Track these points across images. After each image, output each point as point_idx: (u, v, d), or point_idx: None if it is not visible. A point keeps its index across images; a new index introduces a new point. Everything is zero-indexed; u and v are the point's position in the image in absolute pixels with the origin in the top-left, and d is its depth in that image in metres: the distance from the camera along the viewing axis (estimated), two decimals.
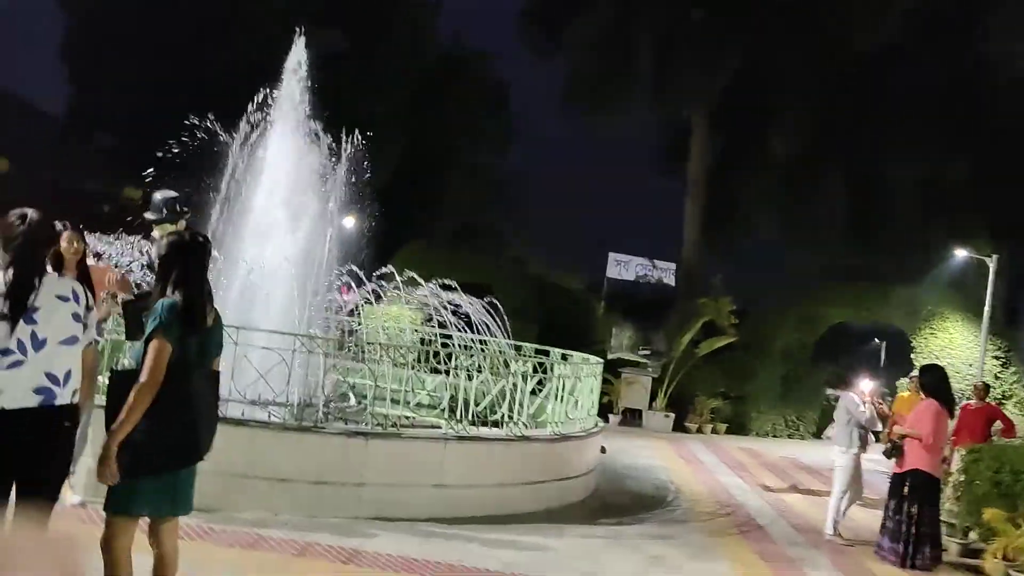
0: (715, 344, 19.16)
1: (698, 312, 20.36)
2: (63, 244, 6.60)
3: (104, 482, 3.62)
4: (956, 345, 19.79)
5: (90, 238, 6.98)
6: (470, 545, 6.86)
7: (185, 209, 7.26)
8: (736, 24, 24.43)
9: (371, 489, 7.24)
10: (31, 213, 3.81)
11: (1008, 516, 8.05)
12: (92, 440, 5.69)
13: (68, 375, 3.55)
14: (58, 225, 6.50)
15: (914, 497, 8.11)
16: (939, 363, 12.24)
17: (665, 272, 39.22)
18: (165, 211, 7.12)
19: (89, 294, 3.86)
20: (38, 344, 3.52)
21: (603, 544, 7.57)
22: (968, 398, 13.11)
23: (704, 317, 19.99)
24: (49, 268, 3.84)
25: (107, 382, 3.88)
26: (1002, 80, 23.10)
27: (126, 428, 3.61)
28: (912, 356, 20.11)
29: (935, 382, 8.65)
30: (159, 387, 3.68)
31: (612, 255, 40.08)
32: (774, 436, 20.06)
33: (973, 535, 9.38)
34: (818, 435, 20.56)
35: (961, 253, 20.20)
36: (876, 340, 39.23)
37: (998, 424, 11.86)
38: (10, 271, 3.61)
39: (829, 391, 20.60)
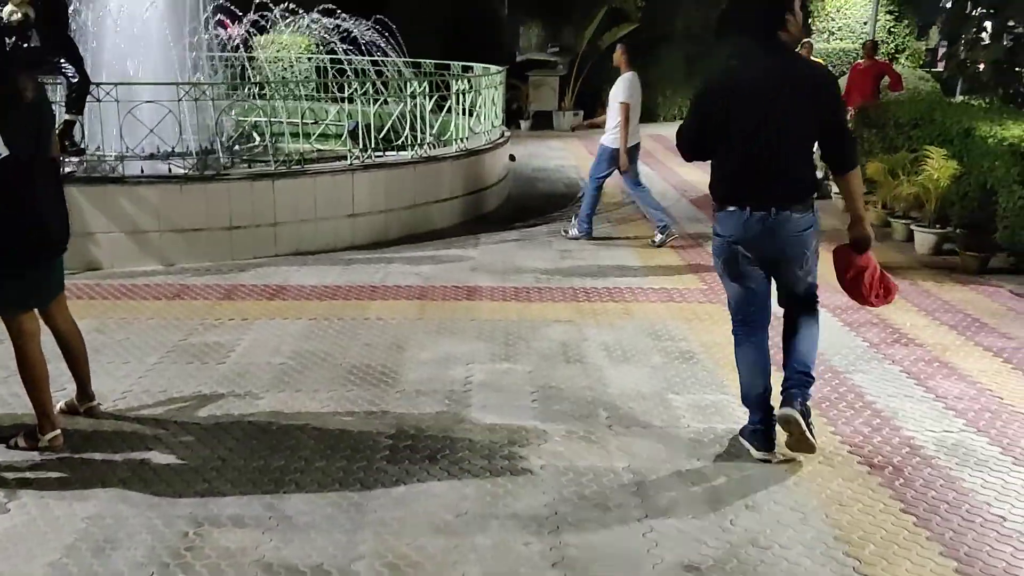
0: (617, 33, 18.75)
1: None
2: None
3: None
4: (851, 4, 19.88)
5: None
6: (391, 266, 7.23)
7: None
8: None
9: (285, 228, 7.43)
10: None
11: (888, 168, 8.64)
12: None
13: None
14: None
15: None
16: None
17: None
18: None
19: None
20: None
21: (517, 246, 8.01)
22: (861, 58, 13.38)
23: (608, 4, 19.43)
24: None
25: None
26: None
27: None
28: (809, 21, 20.19)
29: None
30: None
31: None
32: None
33: None
34: None
35: None
36: None
37: (887, 79, 12.27)
38: None
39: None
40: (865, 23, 19.14)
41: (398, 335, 5.53)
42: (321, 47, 11.07)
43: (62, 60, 6.98)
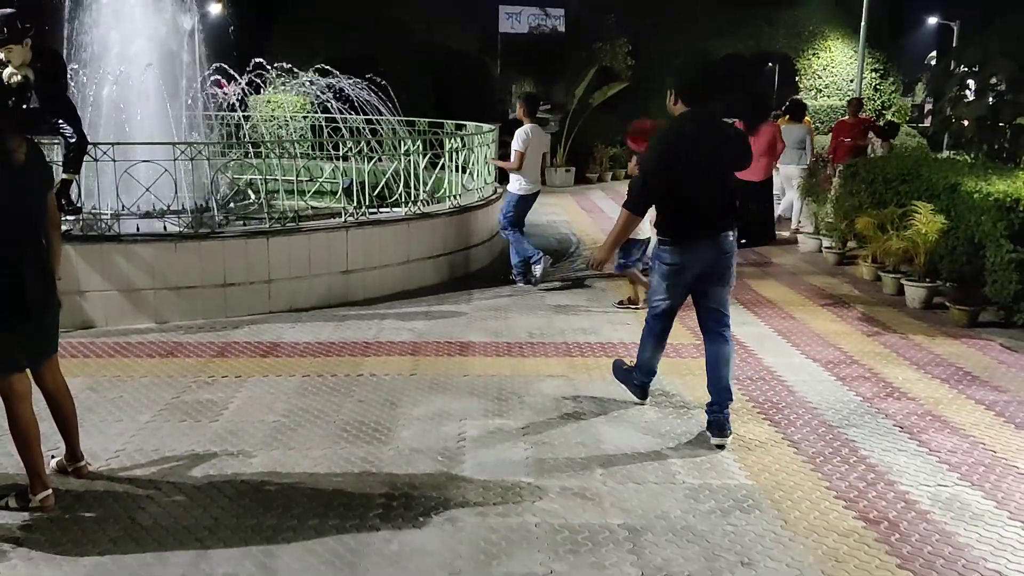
0: (608, 92, 19.10)
1: (594, 58, 20.04)
2: None
3: None
4: (837, 63, 20.30)
5: None
6: (384, 322, 7.24)
7: (27, 25, 6.80)
8: None
9: (279, 284, 7.46)
10: None
11: (878, 223, 8.76)
12: None
13: None
14: None
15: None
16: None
17: (558, 20, 38.11)
18: (6, 31, 6.65)
19: None
20: None
21: (510, 302, 8.04)
22: (845, 115, 13.62)
23: (598, 63, 19.73)
24: None
25: None
26: None
27: None
28: (797, 79, 20.60)
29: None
30: None
31: (502, 8, 38.52)
32: None
33: (851, 243, 10.21)
34: None
35: None
36: (769, 64, 39.57)
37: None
38: None
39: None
40: (851, 81, 19.51)
41: (391, 391, 5.53)
42: (316, 106, 11.24)
43: (60, 120, 7.08)
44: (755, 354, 6.43)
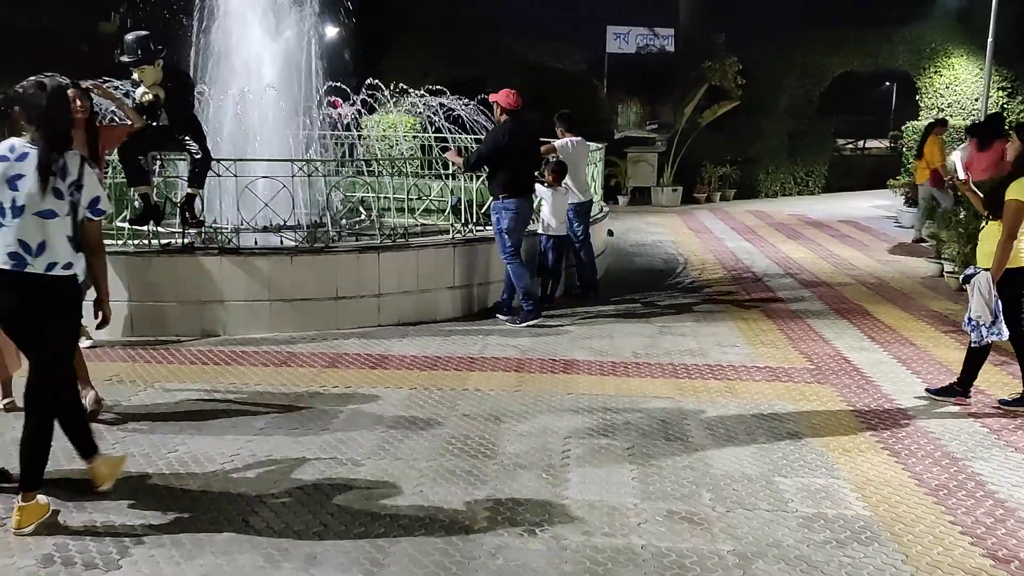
0: (719, 111, 18.80)
1: (703, 77, 19.74)
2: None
3: None
4: (961, 81, 19.45)
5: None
6: (489, 338, 7.29)
7: (160, 47, 7.16)
8: None
9: (389, 298, 7.60)
10: (48, 81, 3.84)
11: None
12: None
13: (42, 246, 3.70)
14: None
15: None
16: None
17: (667, 39, 37.79)
18: (140, 52, 7.03)
19: (84, 168, 3.82)
20: (16, 211, 3.70)
21: (614, 322, 7.97)
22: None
23: (707, 82, 19.41)
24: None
25: None
26: None
27: None
28: (917, 98, 19.82)
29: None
30: None
31: (610, 28, 38.42)
32: (783, 195, 20.25)
33: None
34: (828, 189, 20.69)
35: None
36: (887, 83, 38.26)
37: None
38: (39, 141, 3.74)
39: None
40: (976, 100, 18.65)
41: (496, 406, 5.54)
42: (428, 126, 11.45)
43: (187, 137, 7.41)
44: (873, 381, 6.17)
